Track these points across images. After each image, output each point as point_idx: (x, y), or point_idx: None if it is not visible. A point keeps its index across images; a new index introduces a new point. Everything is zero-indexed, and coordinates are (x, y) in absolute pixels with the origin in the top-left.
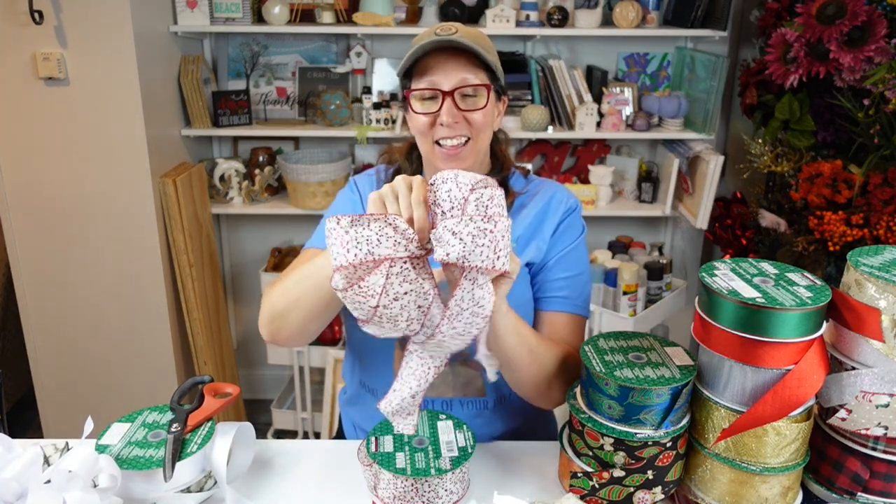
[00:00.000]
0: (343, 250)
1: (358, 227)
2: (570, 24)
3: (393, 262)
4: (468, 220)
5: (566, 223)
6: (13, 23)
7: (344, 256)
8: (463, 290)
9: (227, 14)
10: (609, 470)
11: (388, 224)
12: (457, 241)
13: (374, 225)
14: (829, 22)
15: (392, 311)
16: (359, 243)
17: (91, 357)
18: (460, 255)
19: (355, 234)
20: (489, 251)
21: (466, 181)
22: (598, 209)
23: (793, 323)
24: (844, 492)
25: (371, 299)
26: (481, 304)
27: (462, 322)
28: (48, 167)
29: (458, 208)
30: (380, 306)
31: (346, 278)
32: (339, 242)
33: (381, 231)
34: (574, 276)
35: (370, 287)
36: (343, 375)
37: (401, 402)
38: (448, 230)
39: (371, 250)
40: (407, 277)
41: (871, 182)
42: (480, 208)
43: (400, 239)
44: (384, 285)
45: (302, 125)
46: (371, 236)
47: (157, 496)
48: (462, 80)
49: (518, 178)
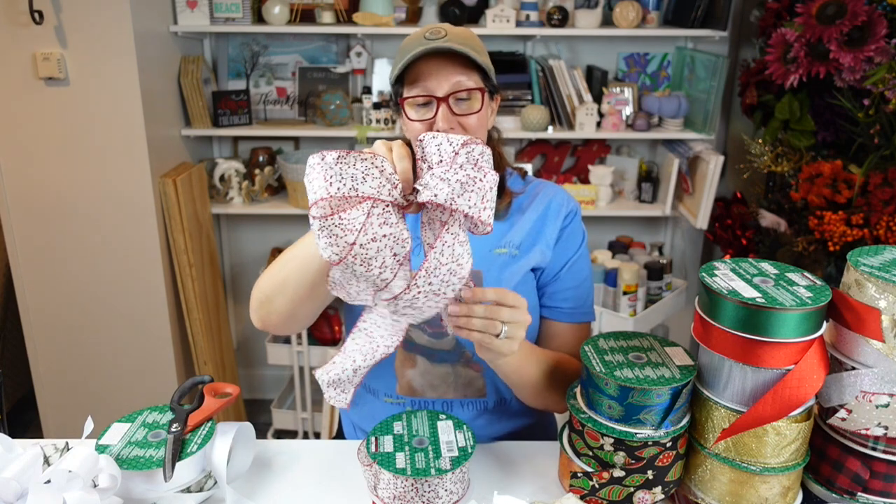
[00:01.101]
0: (325, 183)
1: (343, 163)
2: (570, 24)
3: (375, 202)
4: (458, 168)
5: (569, 230)
6: (13, 23)
7: (326, 189)
8: (444, 242)
9: (227, 14)
10: (609, 470)
11: (374, 165)
12: (445, 184)
13: (360, 164)
14: (829, 22)
15: (368, 252)
16: (343, 178)
17: (91, 357)
18: (448, 197)
19: (340, 170)
20: (477, 198)
21: (457, 138)
22: (598, 209)
23: (793, 323)
24: (844, 492)
25: (349, 234)
26: (459, 262)
27: (439, 278)
28: (48, 167)
29: (447, 162)
30: (356, 244)
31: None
32: (321, 176)
33: (366, 171)
34: (579, 285)
35: (349, 221)
36: None
37: (340, 374)
38: (436, 177)
39: (355, 186)
40: (388, 220)
41: (871, 182)
42: (471, 160)
43: (384, 182)
44: (364, 223)
45: (302, 125)
46: (356, 174)
47: (157, 496)
48: (456, 84)
49: (516, 178)
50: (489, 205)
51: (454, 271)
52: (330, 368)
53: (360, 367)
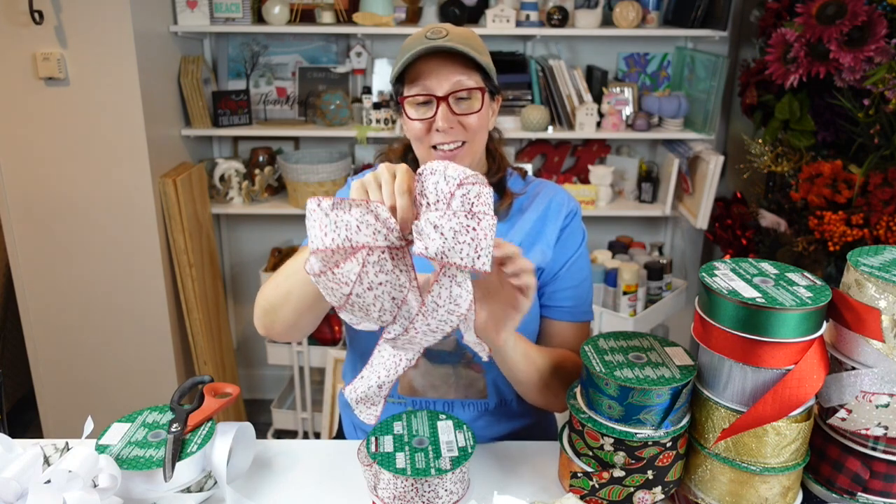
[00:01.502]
0: (321, 233)
1: (339, 210)
2: (570, 24)
3: (371, 250)
4: (451, 215)
5: (569, 230)
6: (13, 23)
7: (321, 240)
8: (441, 286)
9: (227, 14)
10: (609, 470)
11: (369, 211)
12: (437, 234)
13: (356, 210)
14: (829, 22)
15: (365, 301)
16: (337, 228)
17: (91, 357)
18: (439, 250)
19: (335, 218)
20: (470, 249)
21: (455, 175)
22: (598, 209)
23: (793, 323)
24: (844, 492)
25: (344, 287)
26: (457, 301)
27: (436, 319)
28: (48, 167)
29: (443, 202)
30: (353, 294)
31: (322, 262)
32: (317, 225)
33: (361, 217)
34: (579, 285)
35: (345, 274)
36: (343, 376)
37: (366, 391)
38: (430, 223)
39: (349, 236)
40: (383, 268)
41: (871, 182)
42: (466, 204)
43: (380, 227)
44: (359, 273)
45: (302, 125)
46: (351, 222)
47: (157, 496)
48: (456, 83)
49: (516, 179)
50: (484, 252)
51: (452, 311)
52: (357, 385)
53: (385, 382)
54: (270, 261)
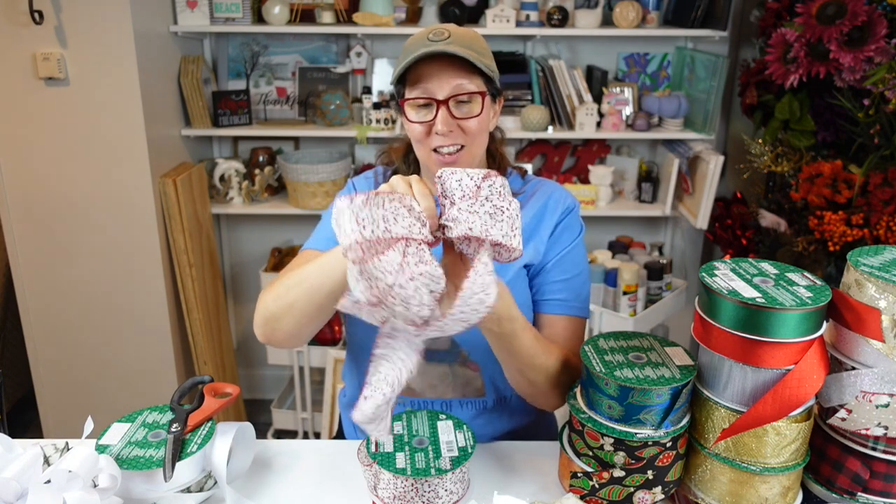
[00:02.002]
0: (359, 227)
1: (373, 205)
2: (570, 24)
3: (409, 241)
4: (483, 200)
5: (564, 224)
6: (13, 23)
7: (360, 233)
8: (476, 272)
9: (227, 14)
10: (609, 470)
11: (402, 205)
12: (475, 217)
13: (389, 205)
14: (829, 22)
15: (406, 292)
16: (374, 220)
17: (91, 357)
18: (481, 229)
19: (370, 212)
20: (507, 227)
21: (476, 173)
22: (598, 209)
23: (793, 323)
24: (844, 492)
25: (388, 276)
26: (487, 291)
27: (469, 307)
28: (48, 167)
29: (468, 196)
30: (396, 284)
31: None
32: (354, 219)
33: (396, 211)
34: (572, 278)
35: (389, 262)
36: (343, 377)
37: (375, 410)
38: (464, 210)
39: (388, 228)
40: (423, 258)
41: (871, 182)
42: (494, 192)
43: (414, 221)
44: (401, 263)
45: (302, 125)
46: (387, 215)
47: (157, 496)
48: (456, 87)
49: (515, 178)
50: (518, 231)
51: (482, 300)
52: (364, 408)
53: (391, 397)
54: (270, 261)
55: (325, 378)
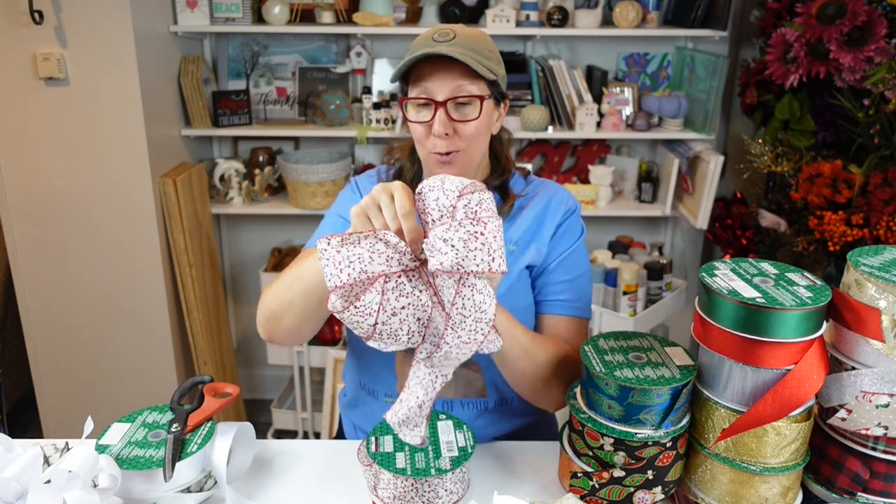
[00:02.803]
0: (336, 271)
1: (349, 245)
2: (570, 24)
3: (387, 277)
4: (457, 226)
5: (566, 225)
6: (13, 23)
7: (338, 277)
8: (463, 297)
9: (227, 14)
10: (609, 470)
11: (378, 240)
12: (449, 247)
13: (365, 242)
14: (829, 22)
15: (391, 327)
16: (351, 262)
17: (91, 357)
18: (454, 262)
19: (347, 254)
20: (483, 254)
21: (453, 187)
22: (598, 209)
23: (793, 323)
24: (844, 492)
25: (369, 318)
26: (483, 308)
27: (466, 330)
28: (48, 167)
29: (446, 216)
30: (378, 323)
31: (342, 298)
32: (331, 263)
33: (372, 248)
34: (574, 279)
35: (367, 306)
36: (343, 377)
37: (408, 413)
38: (439, 238)
39: (364, 268)
40: (403, 291)
41: (871, 182)
42: (469, 213)
43: (392, 254)
44: (380, 302)
45: (302, 125)
46: (363, 254)
47: (157, 496)
48: (456, 88)
49: (518, 179)
50: (497, 254)
51: (479, 318)
52: (398, 409)
53: (425, 401)
54: (270, 261)
55: (325, 378)
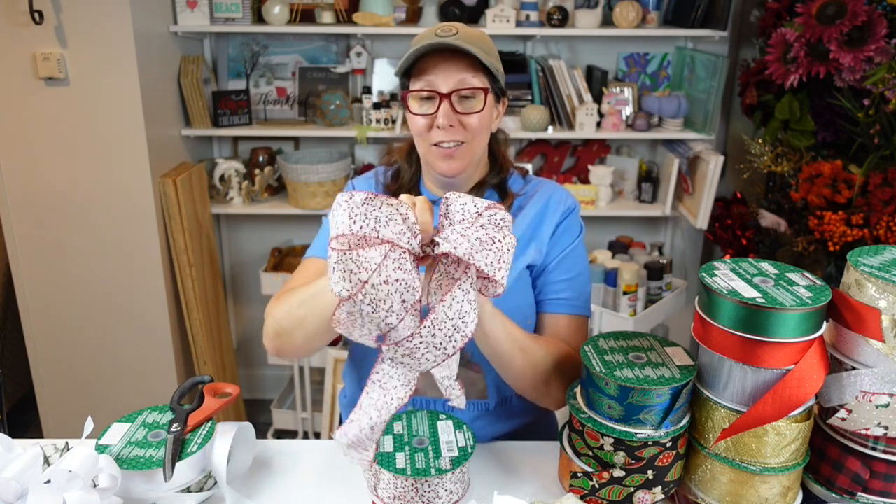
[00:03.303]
0: (350, 220)
1: (370, 205)
2: (570, 24)
3: (393, 247)
4: (478, 227)
5: (564, 224)
6: (13, 23)
7: (349, 226)
8: (453, 297)
9: (227, 14)
10: (609, 470)
11: (398, 212)
12: (464, 240)
13: (386, 209)
14: (829, 22)
15: (378, 294)
16: (367, 219)
17: (91, 357)
18: (467, 251)
19: (365, 210)
20: (494, 258)
21: (482, 202)
22: (598, 209)
23: (793, 323)
24: (844, 492)
25: (363, 272)
26: (465, 319)
27: (442, 332)
28: (48, 167)
29: (468, 220)
30: (368, 283)
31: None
32: (347, 213)
33: (390, 215)
34: (574, 277)
35: (366, 259)
36: (343, 377)
37: (358, 434)
38: (456, 231)
39: (377, 228)
40: (402, 266)
41: (871, 182)
42: (492, 222)
43: (405, 230)
44: (379, 264)
45: (302, 125)
46: (380, 216)
47: (157, 496)
48: (460, 81)
49: (516, 178)
50: (505, 266)
51: (458, 328)
52: (348, 429)
53: (377, 423)
54: (270, 261)
55: (325, 378)
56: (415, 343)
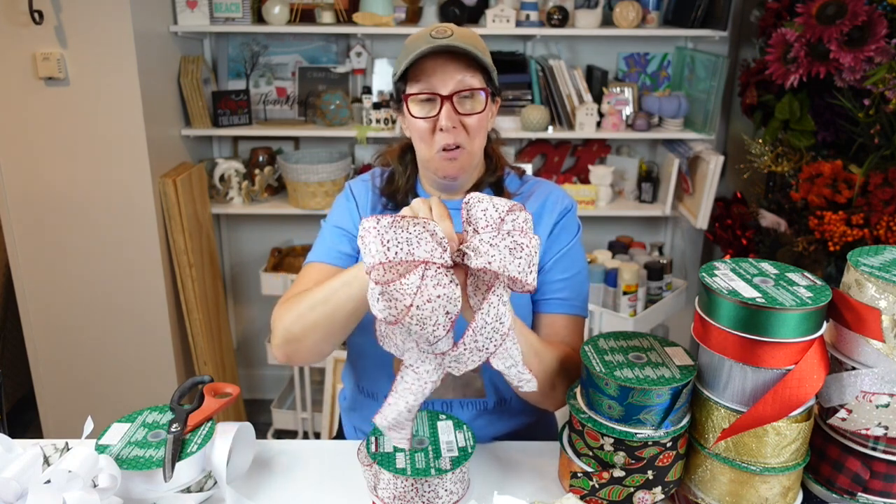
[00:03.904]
0: (383, 248)
1: (397, 228)
2: (570, 24)
3: (428, 265)
4: (505, 234)
5: (562, 223)
6: (13, 23)
7: (384, 254)
8: (490, 304)
9: (227, 14)
10: (609, 470)
11: (426, 230)
12: (496, 251)
13: (414, 229)
14: (829, 22)
15: (423, 313)
16: (399, 243)
17: (91, 357)
18: (500, 264)
19: (395, 235)
20: (524, 264)
21: (502, 204)
22: (598, 209)
23: (793, 323)
24: (844, 492)
25: (406, 297)
26: (502, 321)
27: (484, 336)
28: (48, 167)
29: (492, 226)
30: (413, 306)
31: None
32: (378, 240)
33: (419, 235)
34: (572, 277)
35: (406, 286)
36: (342, 379)
37: (396, 416)
38: (486, 242)
39: (411, 251)
40: (441, 282)
41: (871, 182)
42: (517, 227)
43: (436, 246)
44: (420, 286)
45: (302, 125)
46: (411, 238)
47: (157, 496)
48: (460, 82)
49: (513, 178)
50: (534, 268)
51: (497, 329)
52: (387, 413)
53: (413, 406)
54: (270, 261)
55: (325, 378)
56: (459, 351)
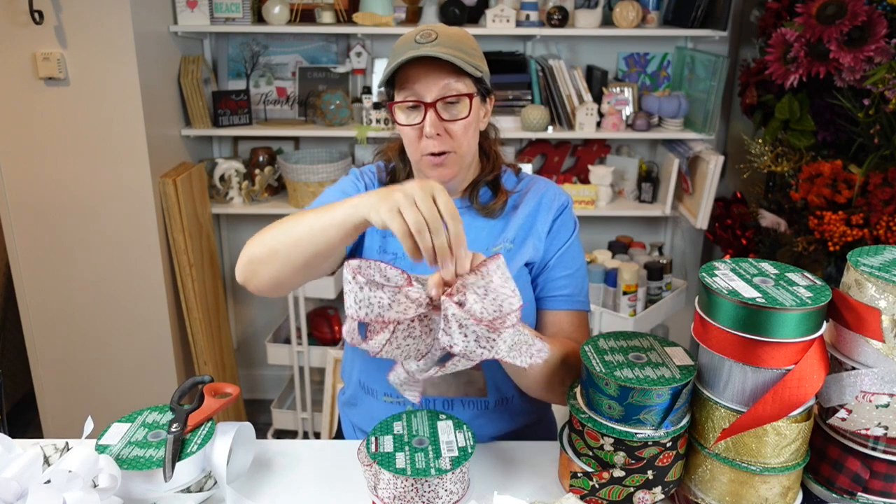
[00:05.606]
0: (356, 306)
1: (373, 288)
2: (570, 24)
3: (399, 322)
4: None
5: (560, 221)
6: (13, 23)
7: (356, 312)
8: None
9: (227, 14)
10: (609, 470)
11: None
12: (461, 336)
13: (389, 291)
14: (829, 22)
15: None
16: (370, 305)
17: (91, 357)
18: (462, 350)
19: (368, 295)
20: (487, 353)
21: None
22: (598, 209)
23: (793, 323)
24: (844, 492)
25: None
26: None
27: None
28: (48, 167)
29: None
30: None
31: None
32: (352, 297)
33: (393, 297)
34: (573, 273)
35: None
36: (342, 375)
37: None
38: (457, 321)
39: (381, 313)
40: (412, 334)
41: (871, 182)
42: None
43: (410, 304)
44: (388, 339)
45: (302, 125)
46: (383, 300)
47: (157, 496)
48: (444, 88)
49: (510, 176)
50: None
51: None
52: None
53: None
54: None
55: (325, 378)
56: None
